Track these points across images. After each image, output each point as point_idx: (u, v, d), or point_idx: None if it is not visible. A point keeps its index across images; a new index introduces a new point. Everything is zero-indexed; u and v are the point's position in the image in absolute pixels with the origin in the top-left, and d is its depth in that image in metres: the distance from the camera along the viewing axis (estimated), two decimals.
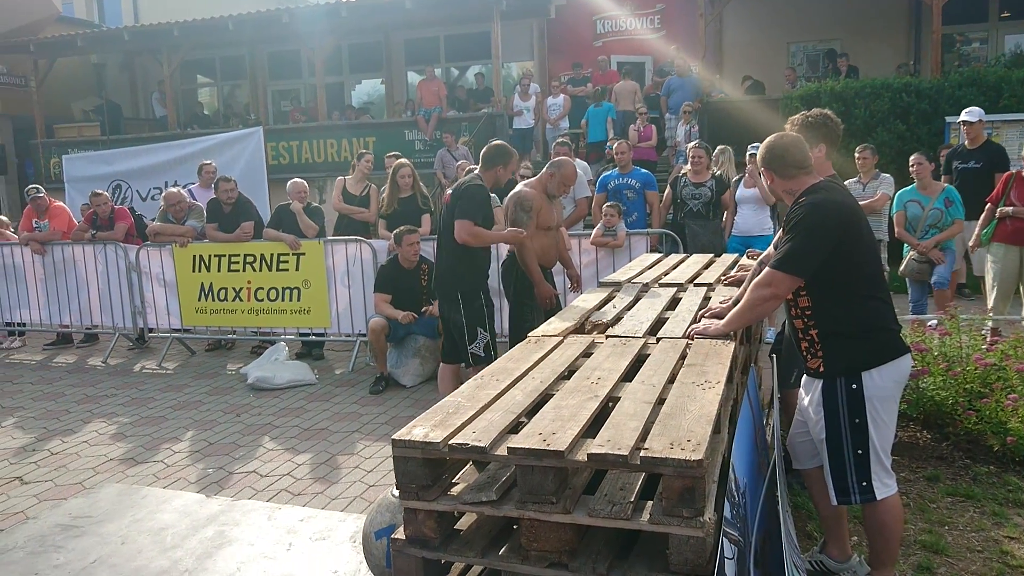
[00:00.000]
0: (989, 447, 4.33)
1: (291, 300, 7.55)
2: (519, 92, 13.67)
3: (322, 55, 15.31)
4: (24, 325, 8.89)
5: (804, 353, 3.08)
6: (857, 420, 2.95)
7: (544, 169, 5.61)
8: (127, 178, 12.66)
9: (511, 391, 2.62)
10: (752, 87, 13.61)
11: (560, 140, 8.24)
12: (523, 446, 2.10)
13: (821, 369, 3.02)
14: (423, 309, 6.61)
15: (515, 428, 2.31)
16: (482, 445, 2.14)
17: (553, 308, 5.36)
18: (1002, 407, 4.32)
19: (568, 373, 2.85)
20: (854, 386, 2.94)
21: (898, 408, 3.06)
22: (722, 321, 3.21)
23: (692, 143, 8.09)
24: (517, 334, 5.29)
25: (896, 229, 6.95)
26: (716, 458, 2.34)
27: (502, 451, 2.13)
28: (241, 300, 7.70)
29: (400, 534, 2.32)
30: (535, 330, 3.51)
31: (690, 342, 3.16)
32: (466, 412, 2.41)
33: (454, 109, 15.05)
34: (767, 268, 3.03)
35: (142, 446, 5.47)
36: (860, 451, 2.96)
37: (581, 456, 2.08)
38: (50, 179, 16.25)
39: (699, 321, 3.42)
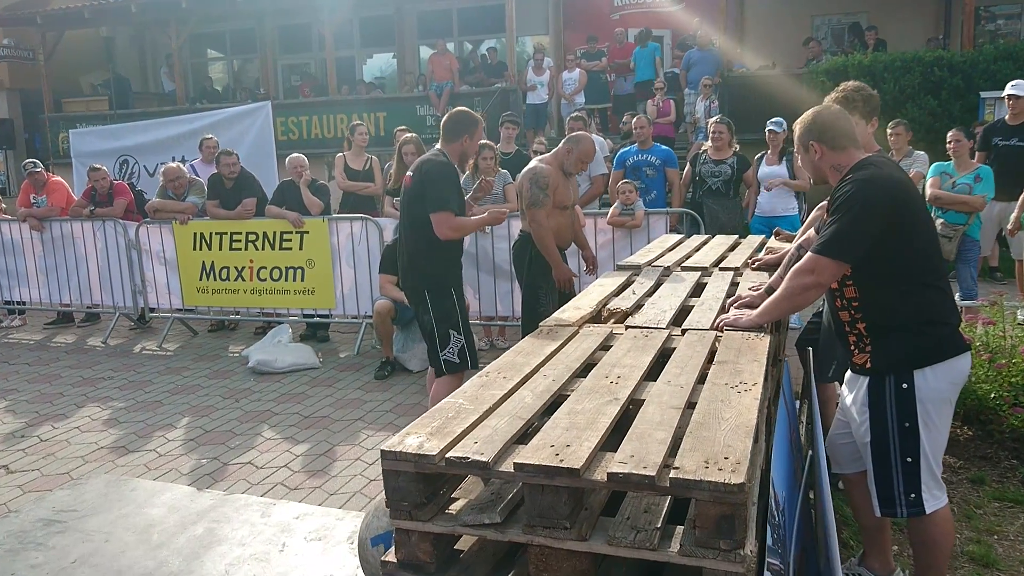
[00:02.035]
0: None
1: (295, 280, 7.27)
2: (532, 66, 13.28)
3: (332, 28, 14.94)
4: (23, 303, 8.66)
5: (851, 348, 2.76)
6: (907, 424, 2.63)
7: (561, 144, 5.28)
8: (134, 153, 12.42)
9: (520, 391, 2.32)
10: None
11: (575, 115, 7.88)
12: (532, 462, 1.79)
13: (868, 365, 2.70)
14: None
15: (523, 437, 2.02)
16: (484, 460, 1.84)
17: (570, 292, 5.07)
18: None
19: (584, 369, 2.55)
20: (904, 385, 2.63)
21: (953, 412, 2.75)
22: (755, 311, 2.88)
23: (713, 118, 7.72)
24: (530, 319, 5.00)
25: (929, 191, 6.61)
26: (756, 474, 2.04)
27: (507, 467, 1.83)
28: (243, 280, 7.43)
29: (392, 556, 2.04)
30: (547, 318, 3.21)
31: (719, 335, 2.85)
32: (467, 417, 2.11)
33: (467, 84, 14.67)
34: (809, 253, 2.71)
35: (135, 433, 5.23)
36: (909, 459, 2.65)
37: (600, 475, 1.77)
38: (58, 154, 16.02)
39: (728, 310, 3.11)
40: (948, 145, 6.60)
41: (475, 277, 6.83)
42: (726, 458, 1.78)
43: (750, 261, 4.16)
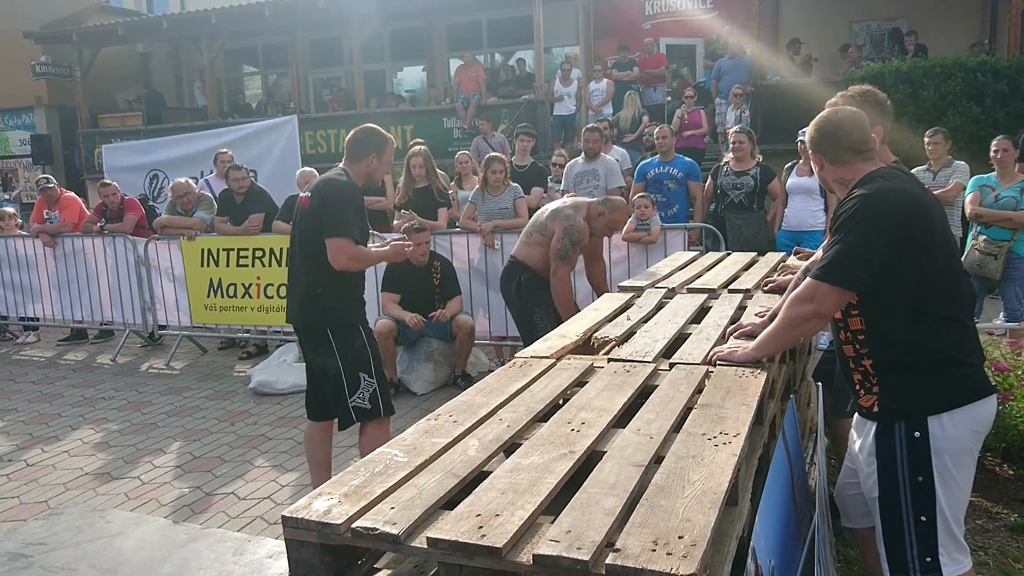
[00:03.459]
0: None
1: None
2: (560, 77, 13.02)
3: (360, 41, 14.87)
4: (36, 319, 8.60)
5: (856, 387, 2.43)
6: (921, 478, 2.28)
7: (596, 201, 5.26)
8: (164, 168, 12.42)
9: (466, 440, 2.04)
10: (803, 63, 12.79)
11: (590, 126, 7.54)
12: (447, 537, 1.51)
13: (875, 409, 2.36)
14: (430, 315, 6.05)
15: (454, 500, 1.73)
16: (394, 532, 1.56)
17: None
18: None
19: (550, 412, 2.26)
20: (917, 434, 2.28)
21: (976, 464, 2.39)
22: (752, 344, 2.57)
23: (734, 127, 7.36)
24: (529, 344, 4.73)
25: (969, 208, 6.16)
26: (726, 547, 1.72)
27: (421, 541, 1.55)
28: (251, 297, 7.24)
29: None
30: (523, 350, 2.92)
31: (711, 370, 2.54)
32: (395, 473, 1.83)
33: (496, 96, 14.47)
34: (808, 278, 2.39)
35: (122, 459, 5.04)
36: (923, 517, 2.30)
37: (525, 557, 1.48)
38: (93, 169, 16.21)
39: (727, 340, 2.79)
40: (993, 154, 6.15)
41: (485, 296, 6.58)
42: (680, 537, 1.47)
43: (763, 282, 3.84)
